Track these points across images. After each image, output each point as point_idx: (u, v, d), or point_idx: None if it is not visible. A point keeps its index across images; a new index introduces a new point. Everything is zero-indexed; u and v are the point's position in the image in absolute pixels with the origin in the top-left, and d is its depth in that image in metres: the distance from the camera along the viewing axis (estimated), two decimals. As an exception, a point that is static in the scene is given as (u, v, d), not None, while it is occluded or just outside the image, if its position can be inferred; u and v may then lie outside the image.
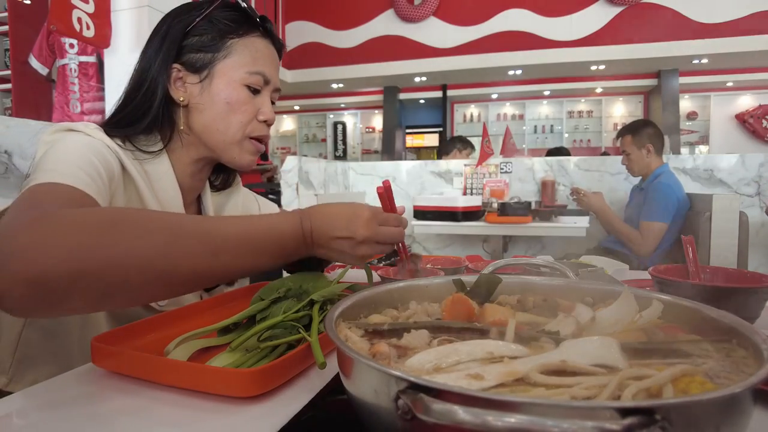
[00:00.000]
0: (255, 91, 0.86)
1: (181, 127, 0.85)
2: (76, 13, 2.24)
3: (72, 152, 0.70)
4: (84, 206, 0.62)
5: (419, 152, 8.54)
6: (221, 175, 1.02)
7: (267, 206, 1.15)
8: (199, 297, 0.93)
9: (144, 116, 0.83)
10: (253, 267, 0.63)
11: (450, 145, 3.99)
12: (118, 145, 0.80)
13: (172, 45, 0.84)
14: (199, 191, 0.96)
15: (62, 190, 0.63)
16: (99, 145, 0.75)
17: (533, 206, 3.02)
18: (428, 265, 1.07)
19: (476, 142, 4.06)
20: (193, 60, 0.84)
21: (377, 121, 9.11)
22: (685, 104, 7.73)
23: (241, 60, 0.84)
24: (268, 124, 0.89)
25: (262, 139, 0.89)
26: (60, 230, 0.49)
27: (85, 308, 0.53)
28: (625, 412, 0.27)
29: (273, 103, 0.93)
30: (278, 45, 0.93)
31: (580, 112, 8.35)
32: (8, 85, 4.12)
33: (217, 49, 0.84)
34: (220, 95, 0.84)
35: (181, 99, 0.84)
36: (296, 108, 9.54)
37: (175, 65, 0.84)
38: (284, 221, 0.66)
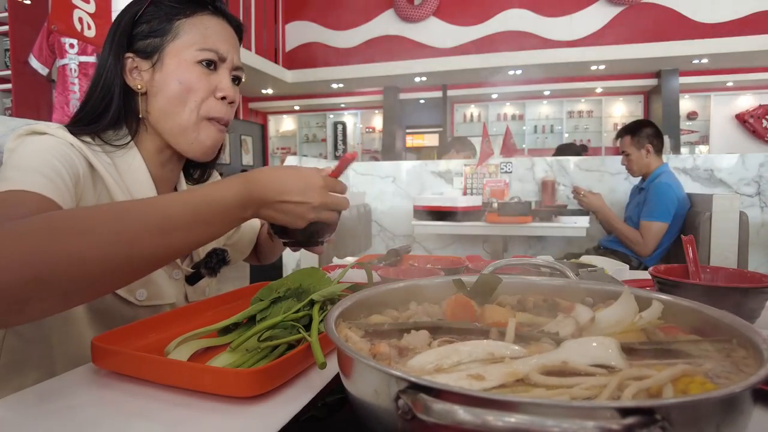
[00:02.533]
0: (210, 68, 0.85)
1: (141, 116, 0.85)
2: (77, 13, 2.24)
3: (30, 156, 0.70)
4: (42, 210, 0.62)
5: (419, 152, 8.55)
6: (199, 168, 1.02)
7: None
8: (183, 296, 0.92)
9: (106, 110, 0.84)
10: (206, 238, 0.64)
11: (448, 145, 3.99)
12: (86, 142, 0.80)
13: (123, 36, 0.84)
14: (173, 182, 0.95)
15: (17, 197, 0.62)
16: (61, 145, 0.75)
17: (533, 206, 3.02)
18: (428, 265, 1.07)
19: (476, 142, 4.05)
20: (143, 47, 0.84)
21: (377, 121, 9.12)
22: (685, 104, 7.73)
23: (190, 39, 0.84)
24: (228, 102, 0.87)
25: (222, 120, 0.87)
26: (7, 241, 0.48)
27: (53, 309, 0.52)
28: (625, 412, 0.27)
29: (237, 83, 0.91)
30: (234, 23, 0.92)
31: (580, 112, 8.35)
32: (8, 85, 4.12)
33: (165, 32, 0.84)
34: (172, 76, 0.83)
35: (139, 87, 0.84)
36: (296, 108, 9.54)
37: (128, 54, 0.84)
38: (227, 187, 0.65)
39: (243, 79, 0.93)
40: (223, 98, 0.86)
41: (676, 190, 2.49)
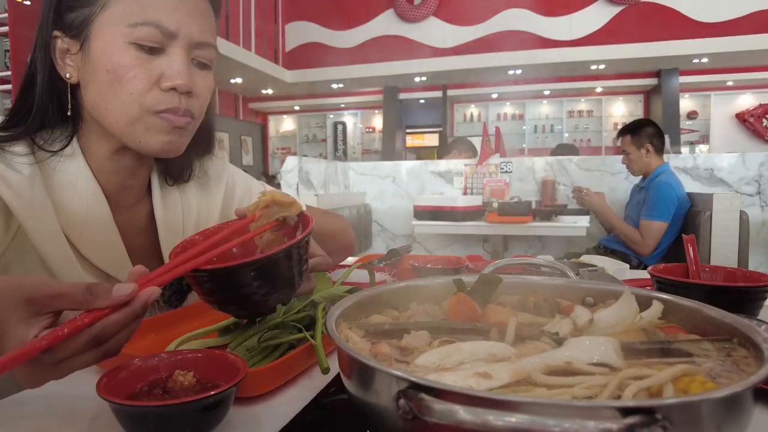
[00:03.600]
0: (152, 50, 0.64)
1: (69, 113, 0.68)
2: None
3: None
4: None
5: (419, 152, 8.54)
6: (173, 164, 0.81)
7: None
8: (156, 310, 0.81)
9: (31, 107, 0.67)
10: None
11: (450, 146, 4.00)
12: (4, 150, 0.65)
13: (50, 5, 0.66)
14: (138, 188, 0.79)
15: None
16: None
17: (533, 206, 3.02)
18: (428, 265, 1.07)
19: (476, 141, 4.05)
20: (70, 21, 0.65)
21: (377, 121, 9.12)
22: (686, 103, 7.73)
23: (121, 9, 0.63)
24: (179, 91, 0.65)
25: (177, 111, 0.66)
26: None
27: None
28: (626, 411, 0.27)
29: (205, 65, 0.70)
30: None
31: (580, 111, 8.35)
32: (8, 86, 4.12)
33: (92, 0, 0.64)
34: (99, 62, 0.64)
35: (68, 75, 0.67)
36: (296, 108, 9.54)
37: (56, 32, 0.66)
38: None
39: (212, 61, 0.71)
40: (173, 89, 0.65)
41: (676, 189, 2.49)
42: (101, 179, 0.72)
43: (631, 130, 2.64)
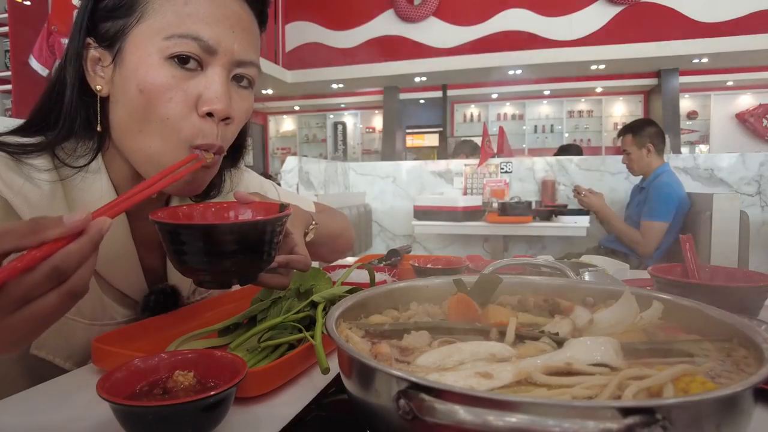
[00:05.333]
0: (189, 68, 0.58)
1: (98, 128, 0.63)
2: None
3: None
4: None
5: (419, 152, 8.54)
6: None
7: (288, 197, 0.96)
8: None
9: (57, 115, 0.63)
10: None
11: (457, 149, 4.01)
12: (25, 163, 0.60)
13: (85, 11, 0.61)
14: (159, 203, 0.74)
15: None
16: None
17: (534, 206, 3.02)
18: (428, 265, 1.07)
19: (476, 142, 4.06)
20: (104, 30, 0.61)
21: (377, 121, 9.11)
22: (686, 103, 7.73)
23: (159, 21, 0.57)
24: (217, 117, 0.59)
25: (212, 148, 0.60)
26: None
27: None
28: (626, 411, 0.27)
29: (250, 84, 0.64)
30: None
31: (580, 111, 8.35)
32: (8, 86, 4.12)
33: (129, 10, 0.59)
34: (132, 79, 0.58)
35: (98, 87, 0.62)
36: (296, 108, 9.54)
37: (89, 39, 0.62)
38: None
39: (254, 80, 0.65)
40: (210, 114, 0.59)
41: (676, 189, 2.49)
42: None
43: (633, 129, 2.64)
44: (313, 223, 0.81)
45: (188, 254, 0.52)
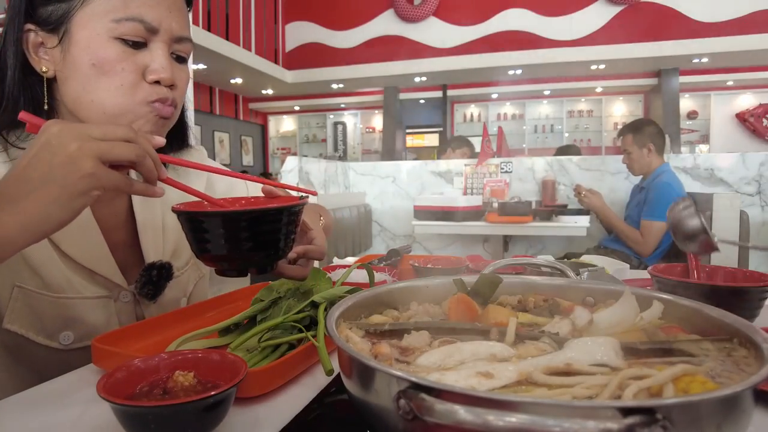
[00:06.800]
0: (136, 45, 0.66)
1: (45, 107, 0.68)
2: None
3: None
4: None
5: (419, 152, 8.55)
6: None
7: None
8: (137, 320, 0.80)
9: (0, 99, 0.67)
10: None
11: (445, 144, 4.00)
12: None
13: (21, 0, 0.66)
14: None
15: None
16: None
17: (534, 206, 3.02)
18: (429, 265, 1.07)
19: (476, 141, 4.06)
20: (46, 15, 0.66)
21: (377, 121, 9.12)
22: (686, 103, 7.73)
23: (105, 5, 0.64)
24: (163, 84, 0.68)
25: (165, 101, 0.68)
26: None
27: None
28: (626, 411, 0.27)
29: (183, 59, 0.72)
30: None
31: (580, 111, 8.35)
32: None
33: None
34: (83, 57, 0.64)
35: (44, 69, 0.67)
36: (296, 108, 9.55)
37: (29, 25, 0.66)
38: None
39: (189, 54, 0.73)
40: (157, 82, 0.67)
41: (676, 189, 2.49)
42: None
43: (633, 129, 2.64)
44: (321, 218, 0.84)
45: (205, 242, 0.55)
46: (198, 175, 0.88)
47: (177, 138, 0.84)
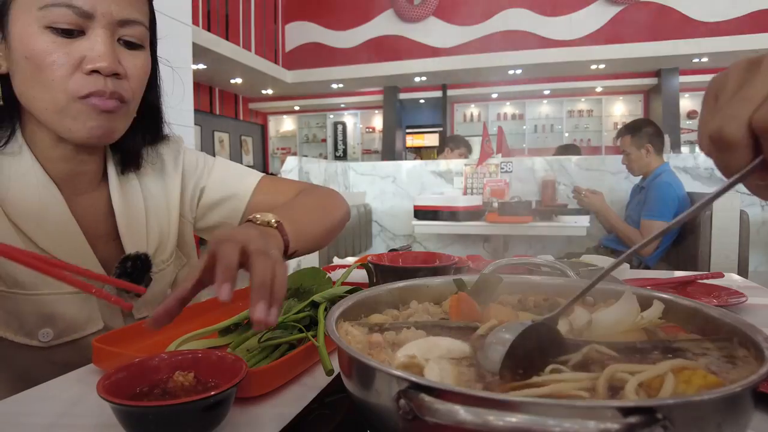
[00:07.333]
0: (70, 33, 0.62)
1: (1, 103, 0.67)
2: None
3: None
4: None
5: (419, 152, 8.55)
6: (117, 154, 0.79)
7: (226, 170, 0.91)
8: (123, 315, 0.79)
9: None
10: None
11: (443, 144, 4.01)
12: None
13: None
14: (92, 175, 0.76)
15: None
16: None
17: (534, 206, 3.01)
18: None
19: (476, 141, 4.06)
20: None
21: (377, 121, 9.12)
22: (686, 103, 7.72)
23: None
24: (103, 73, 0.63)
25: (104, 94, 0.64)
26: None
27: None
28: (626, 411, 0.27)
29: (135, 45, 0.67)
30: None
31: (580, 111, 8.35)
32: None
33: None
34: (19, 51, 0.62)
35: None
36: (296, 108, 9.55)
37: None
38: None
39: (142, 39, 0.68)
40: (96, 72, 0.63)
41: (676, 189, 2.49)
42: (50, 168, 0.70)
43: (631, 130, 2.64)
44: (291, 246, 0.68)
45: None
46: (175, 167, 0.85)
47: (149, 131, 0.80)
